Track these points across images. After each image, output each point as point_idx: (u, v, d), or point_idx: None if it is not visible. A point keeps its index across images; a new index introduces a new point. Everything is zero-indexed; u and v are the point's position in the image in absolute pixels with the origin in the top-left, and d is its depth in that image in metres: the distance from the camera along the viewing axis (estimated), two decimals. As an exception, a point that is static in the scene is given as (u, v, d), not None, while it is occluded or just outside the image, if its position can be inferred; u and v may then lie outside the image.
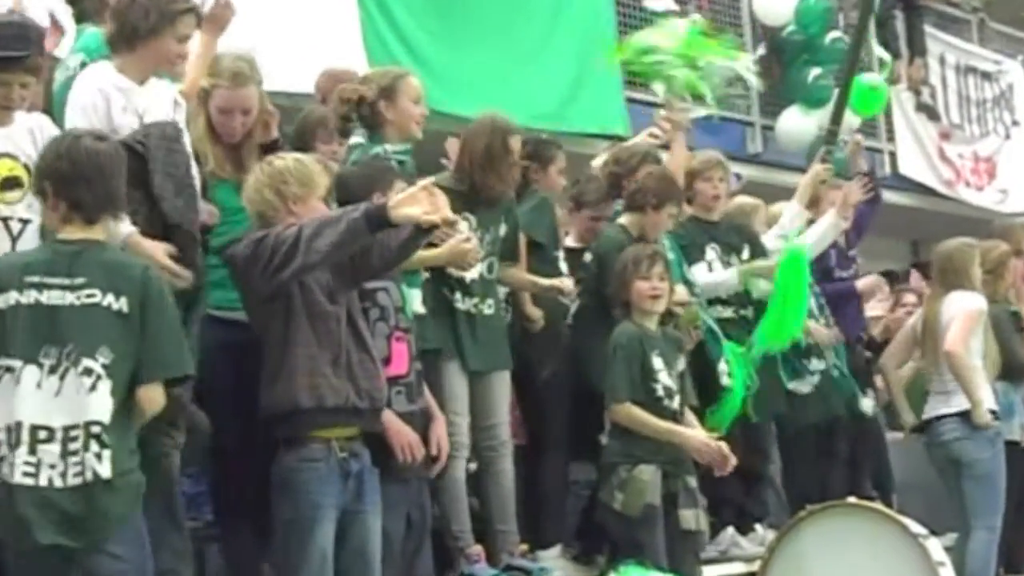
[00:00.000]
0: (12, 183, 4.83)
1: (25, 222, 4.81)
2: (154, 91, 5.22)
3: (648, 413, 6.35)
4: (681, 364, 6.56)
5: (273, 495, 4.96)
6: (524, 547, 6.53)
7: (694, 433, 6.44)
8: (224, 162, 5.58)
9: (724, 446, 6.41)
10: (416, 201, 4.81)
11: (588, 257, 7.03)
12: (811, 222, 7.87)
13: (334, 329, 5.01)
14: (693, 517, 6.40)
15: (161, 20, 5.14)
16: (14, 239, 4.78)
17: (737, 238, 7.56)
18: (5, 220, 4.79)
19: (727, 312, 7.46)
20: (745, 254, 7.50)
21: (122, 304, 4.33)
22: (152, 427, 4.75)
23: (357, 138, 6.02)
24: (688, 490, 6.41)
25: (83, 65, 5.44)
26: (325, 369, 4.95)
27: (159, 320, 4.38)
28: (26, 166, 4.82)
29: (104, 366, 4.28)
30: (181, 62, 5.36)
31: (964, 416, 7.67)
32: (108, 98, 5.05)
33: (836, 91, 8.43)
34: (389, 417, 5.27)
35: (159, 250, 4.83)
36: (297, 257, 4.85)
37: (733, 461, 6.42)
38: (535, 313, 6.69)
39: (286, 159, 5.25)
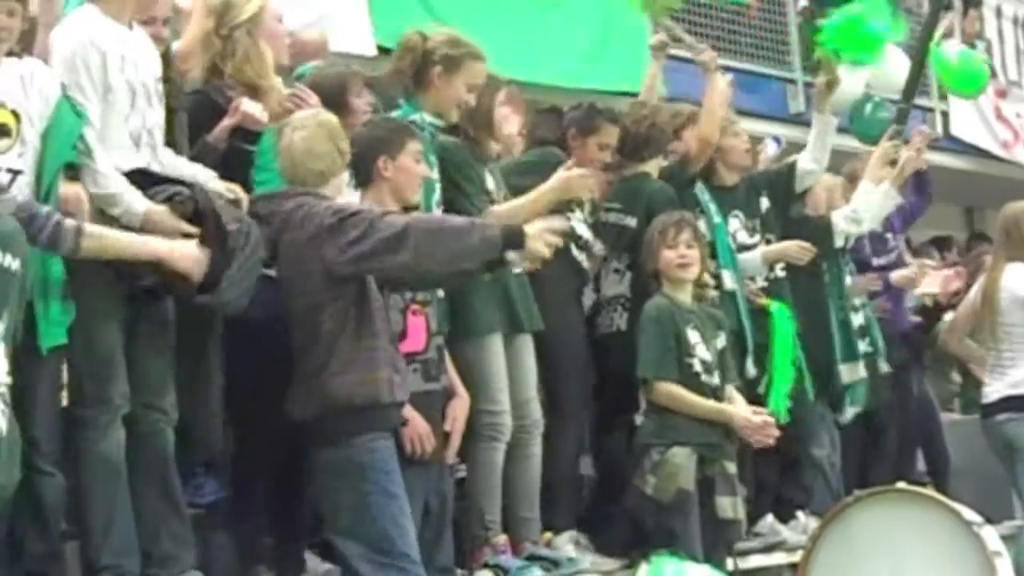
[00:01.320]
0: (2, 131, 4.79)
1: (16, 173, 4.77)
2: (141, 38, 5.22)
3: (687, 390, 6.35)
4: (721, 340, 6.54)
5: (340, 481, 5.00)
6: (548, 535, 6.50)
7: (737, 410, 6.42)
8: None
9: (769, 419, 6.42)
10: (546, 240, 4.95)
11: (625, 220, 6.96)
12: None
13: (387, 320, 5.10)
14: (730, 505, 6.38)
15: None
16: (2, 190, 4.74)
17: (756, 200, 7.52)
18: None
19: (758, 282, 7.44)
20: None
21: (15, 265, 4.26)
22: (143, 402, 4.91)
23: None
24: (726, 476, 6.38)
25: None
26: (399, 364, 5.10)
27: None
28: (15, 113, 4.80)
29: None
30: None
31: (1015, 398, 7.62)
32: (104, 53, 5.03)
33: (909, 65, 8.26)
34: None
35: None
36: (402, 252, 4.86)
37: (775, 433, 6.41)
38: None
39: (328, 114, 5.30)
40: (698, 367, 6.42)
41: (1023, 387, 7.64)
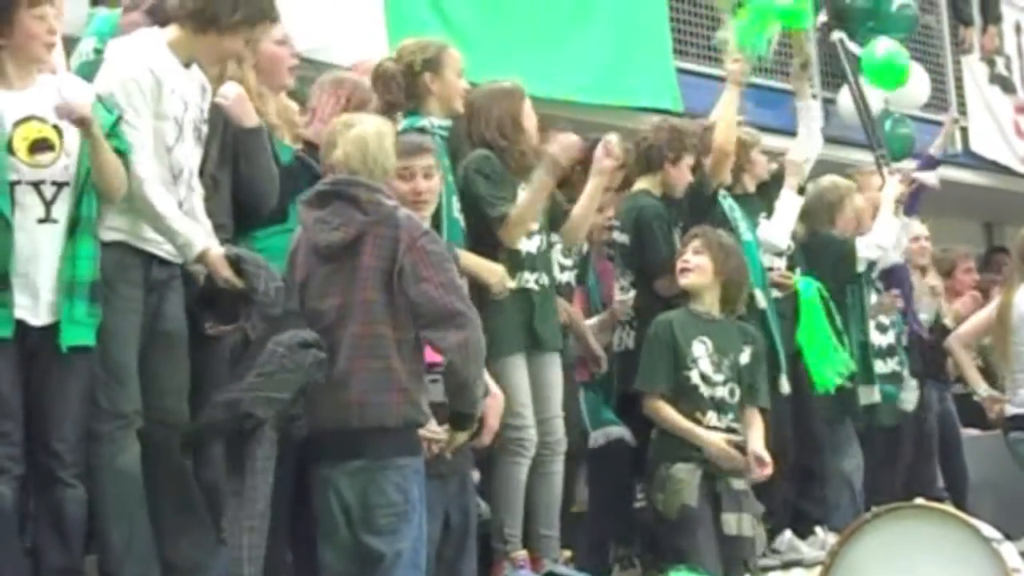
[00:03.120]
0: (43, 146, 4.89)
1: (60, 185, 4.88)
2: (194, 77, 5.23)
3: (677, 406, 6.35)
4: (747, 355, 6.45)
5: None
6: (567, 553, 6.49)
7: (710, 435, 6.31)
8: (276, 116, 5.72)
9: (758, 451, 6.30)
10: None
11: (621, 237, 6.95)
12: None
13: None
14: (735, 521, 6.34)
15: (246, 21, 5.18)
16: (47, 204, 4.87)
17: (760, 205, 7.53)
18: (36, 185, 4.85)
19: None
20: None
21: None
22: (157, 414, 4.95)
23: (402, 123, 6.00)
24: (731, 492, 6.35)
25: (97, 52, 5.45)
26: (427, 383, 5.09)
27: None
28: (56, 128, 4.89)
29: None
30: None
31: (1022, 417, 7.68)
32: (160, 80, 5.06)
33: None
34: None
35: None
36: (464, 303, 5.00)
37: (767, 468, 6.33)
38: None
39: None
40: (696, 379, 6.39)
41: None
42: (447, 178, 5.89)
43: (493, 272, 6.01)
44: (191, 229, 5.03)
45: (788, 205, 7.44)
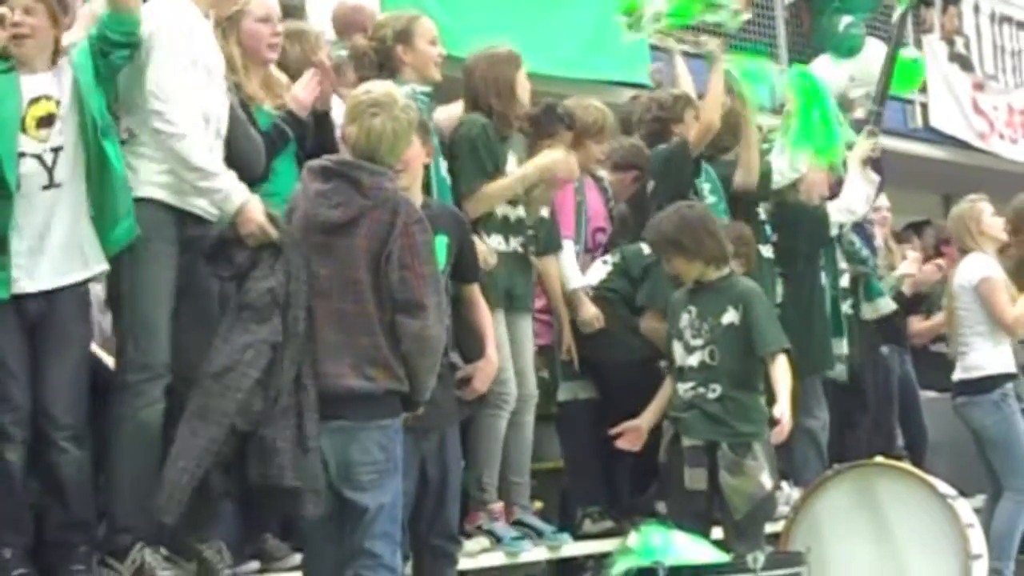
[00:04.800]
0: (47, 121, 4.95)
1: (57, 150, 4.91)
2: (209, 28, 5.26)
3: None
4: (729, 316, 6.29)
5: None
6: (538, 504, 6.54)
7: None
8: (259, 87, 5.71)
9: (774, 413, 6.19)
10: None
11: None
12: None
13: None
14: (697, 476, 6.23)
15: None
16: (50, 169, 4.92)
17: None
18: (39, 156, 4.90)
19: None
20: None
21: None
22: (182, 373, 4.93)
23: None
24: (695, 449, 6.25)
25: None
26: None
27: None
28: (58, 102, 4.96)
29: None
30: None
31: (968, 381, 7.69)
32: (192, 27, 5.10)
33: (880, 70, 8.27)
34: None
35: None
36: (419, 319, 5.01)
37: (781, 430, 6.18)
38: None
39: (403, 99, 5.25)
40: (679, 350, 6.34)
41: (974, 371, 7.70)
42: (434, 141, 5.84)
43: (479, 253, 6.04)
44: (230, 182, 4.99)
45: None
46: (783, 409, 6.13)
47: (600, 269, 6.94)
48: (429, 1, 7.74)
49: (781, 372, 6.23)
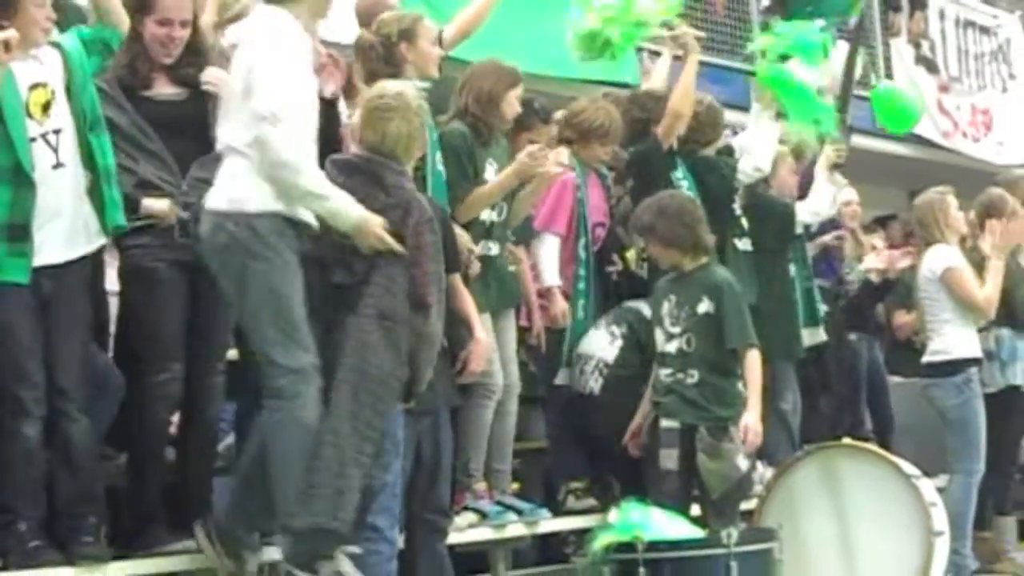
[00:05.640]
0: (46, 107, 4.98)
1: (58, 132, 4.96)
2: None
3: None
4: (704, 306, 6.32)
5: None
6: (516, 486, 6.59)
7: None
8: None
9: (745, 422, 6.24)
10: None
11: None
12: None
13: None
14: (670, 456, 6.30)
15: None
16: (55, 149, 4.95)
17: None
18: (44, 138, 4.93)
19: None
20: None
21: None
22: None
23: None
24: (671, 431, 6.31)
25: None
26: None
27: None
28: (53, 91, 4.98)
29: None
30: None
31: (933, 364, 7.70)
32: (300, 44, 5.01)
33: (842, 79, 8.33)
34: None
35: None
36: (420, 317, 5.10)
37: (750, 439, 6.25)
38: None
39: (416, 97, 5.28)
40: (661, 336, 6.38)
41: (940, 355, 7.70)
42: (431, 135, 5.90)
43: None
44: (346, 200, 4.92)
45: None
46: (748, 420, 6.18)
47: (605, 338, 6.76)
48: (426, 5, 7.77)
49: (751, 374, 6.27)
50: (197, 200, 4.96)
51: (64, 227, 4.97)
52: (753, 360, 6.29)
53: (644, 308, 6.68)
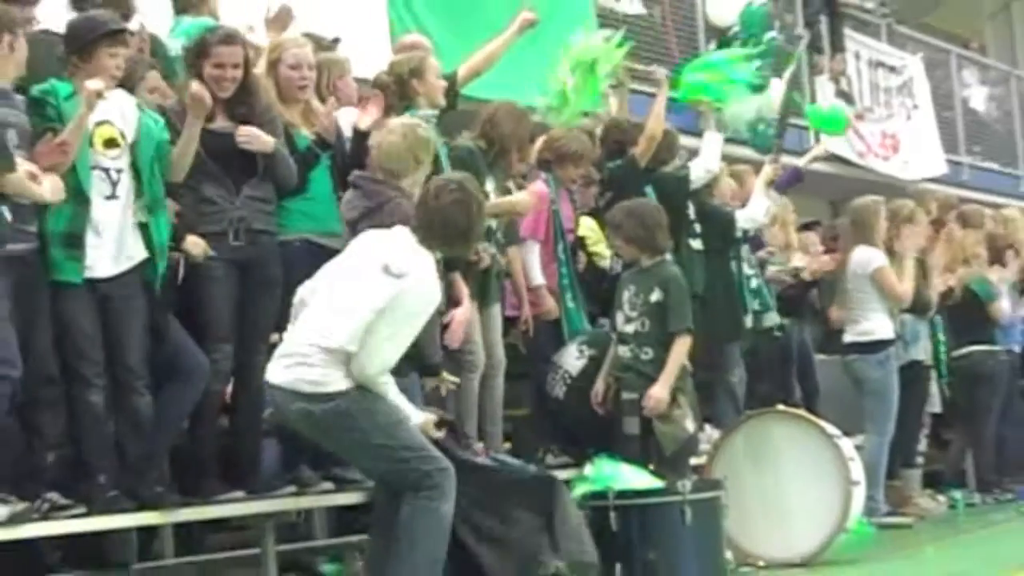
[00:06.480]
0: (111, 143, 4.96)
1: (120, 171, 4.96)
2: None
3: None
4: (656, 295, 6.28)
5: None
6: (507, 445, 6.54)
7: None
8: (298, 116, 5.71)
9: (652, 392, 6.19)
10: None
11: None
12: None
13: None
14: (631, 423, 6.26)
15: None
16: (114, 184, 4.97)
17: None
18: (106, 170, 4.93)
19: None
20: None
21: None
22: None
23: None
24: (631, 401, 6.27)
25: (185, 50, 5.52)
26: None
27: None
28: (121, 132, 4.95)
29: None
30: None
31: (859, 344, 7.70)
32: None
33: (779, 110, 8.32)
34: None
35: None
36: None
37: (652, 405, 6.19)
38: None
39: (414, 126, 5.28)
40: (620, 318, 6.36)
41: (866, 336, 7.73)
42: (442, 150, 5.92)
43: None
44: (413, 411, 4.91)
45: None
46: (656, 390, 6.12)
47: (574, 354, 6.70)
48: (430, 25, 7.75)
49: (674, 354, 6.21)
50: (249, 214, 5.12)
51: (110, 252, 4.95)
52: (681, 343, 6.24)
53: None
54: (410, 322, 4.72)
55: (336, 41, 6.32)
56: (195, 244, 5.22)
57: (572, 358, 6.69)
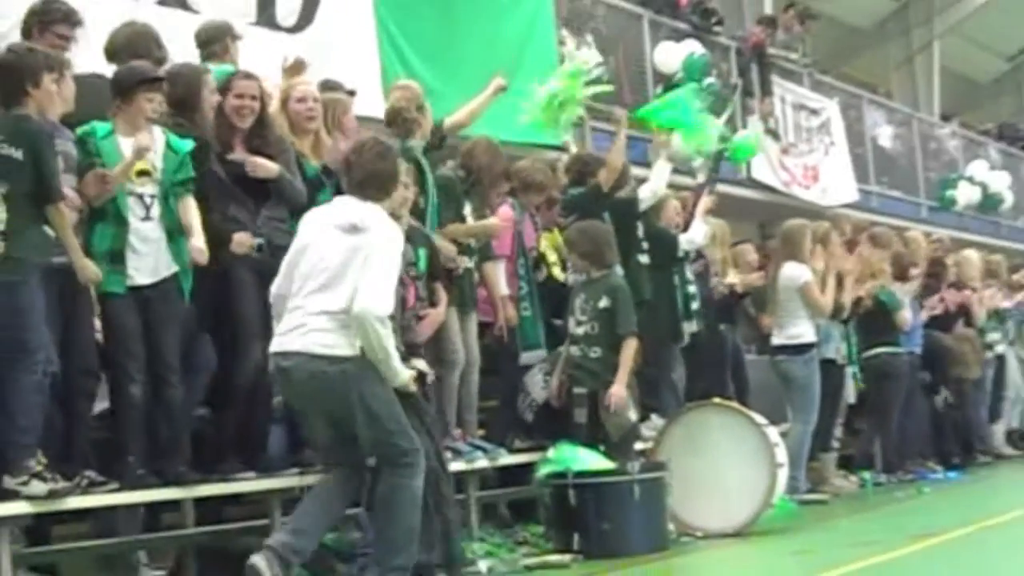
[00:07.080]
0: (144, 173, 4.99)
1: (153, 197, 5.00)
2: None
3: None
4: (604, 302, 6.32)
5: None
6: (482, 432, 6.53)
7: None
8: (308, 148, 5.74)
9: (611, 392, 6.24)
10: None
11: None
12: None
13: None
14: (580, 414, 6.32)
15: None
16: (147, 207, 4.99)
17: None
18: (140, 196, 4.97)
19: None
20: None
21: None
22: None
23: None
24: (580, 395, 6.34)
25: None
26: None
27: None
28: (152, 164, 5.00)
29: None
30: None
31: (788, 346, 7.75)
32: None
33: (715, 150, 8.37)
34: None
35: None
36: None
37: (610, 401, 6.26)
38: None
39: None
40: (572, 321, 6.42)
41: (794, 339, 7.77)
42: (428, 176, 5.99)
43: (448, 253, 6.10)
44: (401, 366, 4.84)
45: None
46: (616, 389, 6.16)
47: (540, 383, 6.70)
48: (419, 69, 7.74)
49: (624, 356, 6.24)
50: (268, 231, 5.22)
51: (149, 265, 4.99)
52: (629, 345, 6.28)
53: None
54: (389, 259, 4.72)
55: (352, 93, 6.36)
56: (240, 243, 5.26)
57: (538, 387, 6.70)
